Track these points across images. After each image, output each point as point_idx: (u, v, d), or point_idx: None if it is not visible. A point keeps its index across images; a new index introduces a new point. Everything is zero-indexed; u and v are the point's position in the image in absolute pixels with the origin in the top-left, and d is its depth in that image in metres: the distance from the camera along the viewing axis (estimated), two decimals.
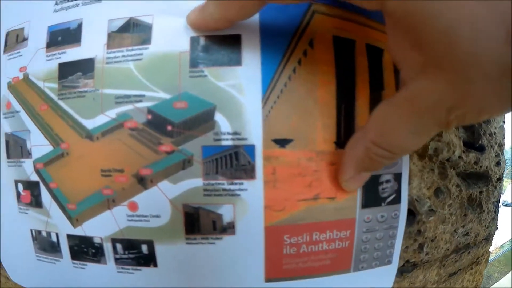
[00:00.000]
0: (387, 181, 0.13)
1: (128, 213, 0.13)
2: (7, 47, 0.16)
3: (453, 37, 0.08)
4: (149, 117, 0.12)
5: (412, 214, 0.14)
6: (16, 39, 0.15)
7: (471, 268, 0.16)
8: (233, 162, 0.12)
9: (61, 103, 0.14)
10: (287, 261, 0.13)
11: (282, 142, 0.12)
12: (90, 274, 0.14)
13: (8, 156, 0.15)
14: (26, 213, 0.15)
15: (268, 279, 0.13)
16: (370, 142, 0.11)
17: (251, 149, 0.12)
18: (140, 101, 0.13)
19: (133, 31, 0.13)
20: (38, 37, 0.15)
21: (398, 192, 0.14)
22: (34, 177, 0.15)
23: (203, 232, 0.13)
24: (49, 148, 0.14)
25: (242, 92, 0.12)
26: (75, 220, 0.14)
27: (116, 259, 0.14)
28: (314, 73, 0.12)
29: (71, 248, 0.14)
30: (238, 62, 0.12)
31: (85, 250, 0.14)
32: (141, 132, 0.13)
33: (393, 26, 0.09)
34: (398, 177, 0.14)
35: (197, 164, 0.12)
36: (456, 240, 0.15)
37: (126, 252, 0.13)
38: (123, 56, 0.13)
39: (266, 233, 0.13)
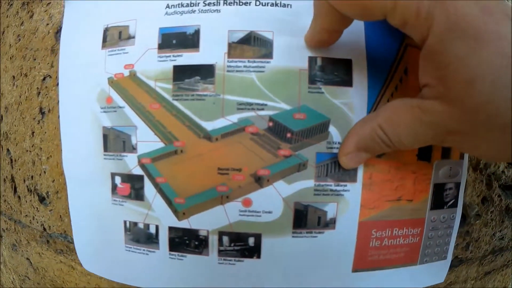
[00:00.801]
0: (450, 188, 0.18)
1: (241, 208, 0.16)
2: (107, 43, 0.17)
3: (474, 88, 0.10)
4: (270, 124, 0.16)
5: (463, 217, 0.19)
6: (119, 35, 0.17)
7: (502, 270, 0.22)
8: (340, 167, 0.16)
9: (176, 103, 0.16)
10: (372, 253, 0.17)
11: (379, 154, 0.16)
12: (188, 265, 0.17)
13: (106, 149, 0.17)
14: (122, 205, 0.17)
15: (355, 270, 0.17)
16: (377, 125, 0.14)
17: None
18: (262, 109, 0.15)
19: (254, 44, 0.16)
20: (147, 37, 0.17)
21: (456, 198, 0.18)
22: (138, 171, 0.17)
23: (309, 227, 0.16)
24: (159, 145, 0.16)
25: (352, 109, 0.16)
26: (181, 214, 0.16)
27: (220, 251, 0.16)
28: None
29: (171, 240, 0.17)
30: (349, 84, 0.16)
31: (187, 242, 0.17)
32: (262, 137, 0.16)
33: (427, 56, 0.12)
34: (458, 185, 0.18)
35: (310, 168, 0.16)
36: (494, 242, 0.21)
37: (232, 245, 0.16)
38: (245, 66, 0.16)
39: (359, 228, 0.17)
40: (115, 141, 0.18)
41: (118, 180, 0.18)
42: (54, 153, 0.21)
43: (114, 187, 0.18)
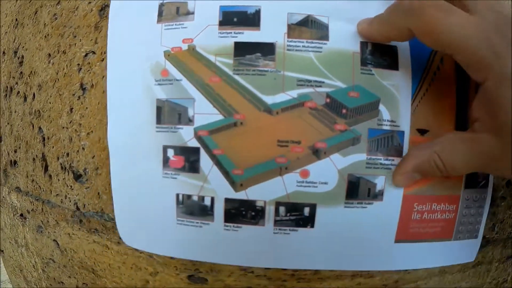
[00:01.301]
0: None
1: (299, 179, 0.17)
2: (163, 17, 0.18)
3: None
4: (328, 100, 0.17)
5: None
6: (176, 11, 0.18)
7: None
8: (389, 143, 0.18)
9: (237, 77, 0.17)
10: (413, 225, 0.19)
11: (422, 132, 0.18)
12: (243, 235, 0.18)
13: (159, 122, 0.18)
14: (175, 178, 0.18)
15: (397, 240, 0.18)
16: (434, 152, 0.16)
17: (401, 134, 0.18)
18: (320, 86, 0.17)
19: (311, 26, 0.18)
20: (208, 14, 0.18)
21: (487, 179, 0.20)
22: (193, 144, 0.17)
23: (360, 198, 0.18)
24: (217, 117, 0.17)
25: (398, 91, 0.18)
26: (238, 185, 0.17)
27: (276, 221, 0.18)
28: (443, 83, 0.18)
29: (226, 212, 0.18)
30: (396, 68, 0.18)
31: (243, 213, 0.17)
32: (320, 112, 0.17)
33: (483, 96, 0.15)
34: None
35: (363, 142, 0.17)
36: None
37: (288, 215, 0.17)
38: (304, 46, 0.17)
39: (403, 201, 0.18)
40: (169, 114, 0.18)
41: (170, 152, 0.18)
42: (96, 128, 0.21)
43: (166, 160, 0.18)
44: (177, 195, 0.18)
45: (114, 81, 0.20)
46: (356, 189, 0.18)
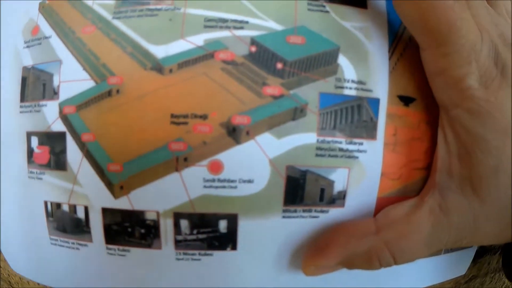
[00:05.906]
0: None
1: (207, 176, 0.08)
2: None
3: (498, 174, 0.08)
4: (253, 49, 0.08)
5: None
6: None
7: None
8: (355, 116, 0.09)
9: (116, 23, 0.09)
10: None
11: (406, 100, 0.09)
12: (133, 263, 0.09)
13: (23, 99, 0.10)
14: (40, 178, 0.09)
15: None
16: (383, 243, 0.08)
17: (375, 103, 0.09)
18: (241, 28, 0.08)
19: None
20: None
21: None
22: (58, 127, 0.09)
23: (307, 203, 0.08)
24: (89, 84, 0.09)
25: (369, 37, 0.09)
26: (118, 188, 0.09)
27: (178, 242, 0.09)
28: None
29: (107, 228, 0.09)
30: (363, 5, 0.09)
31: (129, 230, 0.09)
32: (240, 67, 0.08)
33: (450, 123, 0.08)
34: None
35: (311, 115, 0.08)
36: None
37: (195, 232, 0.09)
38: None
39: (376, 206, 0.09)
40: (34, 86, 0.09)
41: (34, 142, 0.10)
42: None
43: (30, 153, 0.10)
44: (46, 203, 0.09)
45: None
46: (300, 190, 0.08)
